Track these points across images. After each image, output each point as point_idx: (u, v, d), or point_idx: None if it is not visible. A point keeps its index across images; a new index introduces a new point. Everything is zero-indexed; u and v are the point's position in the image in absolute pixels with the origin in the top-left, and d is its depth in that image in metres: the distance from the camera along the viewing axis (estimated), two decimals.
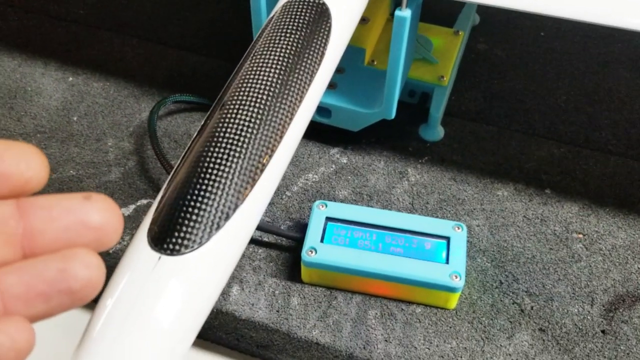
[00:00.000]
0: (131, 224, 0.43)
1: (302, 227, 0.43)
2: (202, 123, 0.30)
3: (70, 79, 0.53)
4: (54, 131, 0.49)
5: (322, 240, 0.40)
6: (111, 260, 0.41)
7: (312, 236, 0.40)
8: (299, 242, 0.41)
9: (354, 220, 0.41)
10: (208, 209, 0.26)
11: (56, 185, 0.45)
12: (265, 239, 0.42)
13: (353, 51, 0.47)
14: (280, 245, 0.42)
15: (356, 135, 0.48)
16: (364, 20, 0.49)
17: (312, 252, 0.39)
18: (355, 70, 0.48)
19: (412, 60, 0.48)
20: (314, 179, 0.46)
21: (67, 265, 0.19)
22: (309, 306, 0.39)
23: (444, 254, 0.39)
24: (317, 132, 0.47)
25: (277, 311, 0.39)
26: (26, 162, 0.19)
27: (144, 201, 0.44)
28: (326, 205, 0.41)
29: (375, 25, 0.50)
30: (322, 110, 0.46)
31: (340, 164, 0.47)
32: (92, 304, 0.24)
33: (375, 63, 0.49)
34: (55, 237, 0.19)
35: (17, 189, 0.19)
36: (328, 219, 0.41)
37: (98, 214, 0.20)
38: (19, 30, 0.58)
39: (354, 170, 0.47)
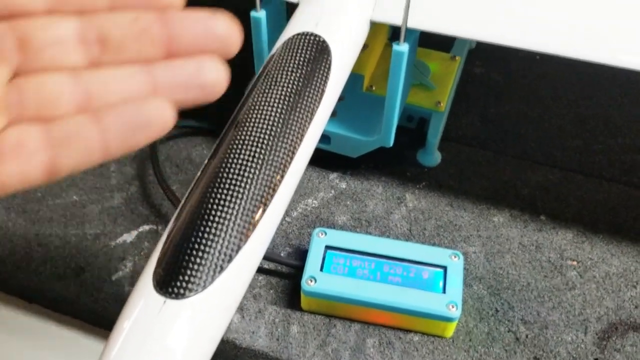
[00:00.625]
0: (134, 250, 0.44)
1: (301, 254, 0.44)
2: (206, 161, 0.31)
3: None
4: None
5: (321, 269, 0.40)
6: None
7: (312, 265, 0.40)
8: (299, 269, 0.42)
9: (353, 249, 0.41)
10: (211, 251, 0.27)
11: (59, 210, 0.46)
12: (265, 266, 0.43)
13: (351, 77, 0.48)
14: (280, 272, 0.43)
15: (355, 160, 0.49)
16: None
17: (311, 281, 0.40)
18: (354, 96, 0.49)
19: (410, 86, 0.49)
20: (313, 205, 0.47)
21: (201, 65, 0.23)
22: (309, 334, 0.40)
23: (441, 284, 0.40)
24: (316, 158, 0.48)
25: (277, 339, 0.40)
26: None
27: (147, 227, 0.45)
28: (325, 233, 0.42)
29: (373, 52, 0.51)
30: (321, 136, 0.47)
31: (340, 189, 0.48)
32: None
33: (373, 88, 0.50)
34: (190, 42, 0.23)
35: (161, 9, 0.23)
36: (327, 247, 0.41)
37: (223, 25, 0.24)
38: None
39: (353, 195, 0.48)
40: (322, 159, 0.49)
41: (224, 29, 0.24)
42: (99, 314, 0.43)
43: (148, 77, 0.23)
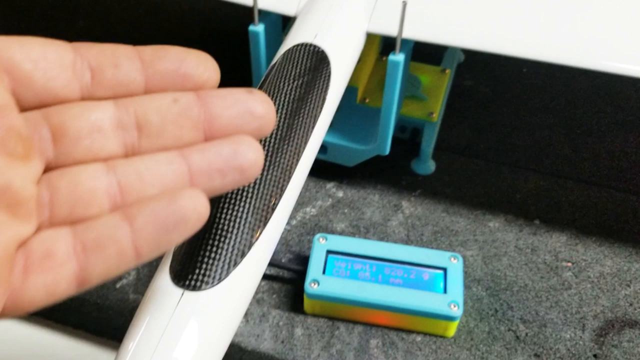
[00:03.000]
0: None
1: (302, 260, 0.44)
2: None
3: None
4: None
5: (323, 273, 0.41)
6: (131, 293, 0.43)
7: (314, 269, 0.41)
8: (301, 274, 0.43)
9: (354, 253, 0.42)
10: (226, 247, 0.27)
11: None
12: (268, 272, 0.44)
13: (346, 90, 0.49)
14: (282, 278, 0.44)
15: (351, 170, 0.50)
16: None
17: (314, 284, 0.40)
18: (348, 108, 0.50)
19: (404, 98, 0.50)
20: (312, 213, 0.48)
21: (239, 147, 0.22)
22: (313, 336, 0.41)
23: (441, 284, 0.41)
24: (312, 168, 0.49)
25: (282, 342, 0.41)
26: (204, 65, 0.23)
27: None
28: (326, 239, 0.43)
29: (365, 65, 0.52)
30: None
31: (337, 198, 0.49)
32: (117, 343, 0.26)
33: (367, 101, 0.51)
34: (228, 123, 0.23)
35: (196, 87, 0.23)
36: (329, 252, 0.42)
37: (261, 105, 0.23)
38: None
39: (350, 203, 0.49)
40: (319, 169, 0.50)
41: (262, 110, 0.23)
42: (102, 323, 0.44)
43: (184, 164, 0.22)
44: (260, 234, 0.29)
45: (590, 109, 0.57)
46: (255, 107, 0.23)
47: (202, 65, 0.23)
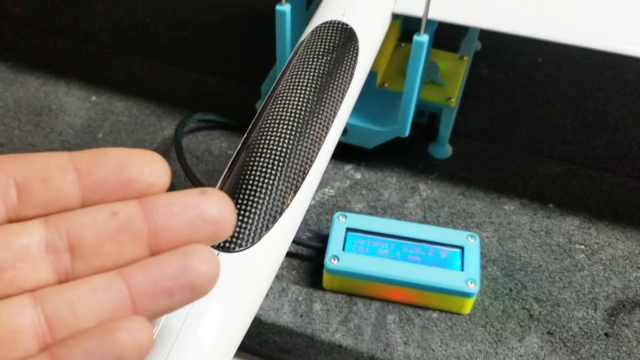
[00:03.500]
0: None
1: (321, 238, 0.45)
2: (245, 134, 0.32)
3: (94, 98, 0.56)
4: (80, 147, 0.51)
5: (343, 249, 0.42)
6: None
7: (334, 245, 0.42)
8: (320, 251, 0.44)
9: (373, 231, 0.43)
10: (258, 212, 0.28)
11: None
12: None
13: None
14: (301, 255, 0.45)
15: (369, 153, 0.51)
16: None
17: (334, 260, 0.41)
18: (368, 91, 0.51)
19: (424, 82, 0.51)
20: (330, 194, 0.49)
21: (188, 261, 0.19)
22: (331, 311, 0.42)
23: (458, 262, 0.41)
24: None
25: (301, 316, 0.41)
26: (150, 168, 0.20)
27: None
28: (346, 217, 0.44)
29: (385, 51, 0.53)
30: None
31: (355, 180, 0.50)
32: None
33: (386, 85, 0.52)
34: (177, 232, 0.20)
35: (141, 193, 0.20)
36: (348, 229, 0.43)
37: (215, 207, 0.20)
38: (41, 51, 0.60)
39: (368, 185, 0.50)
40: (337, 151, 0.50)
41: (216, 213, 0.20)
42: None
43: (124, 287, 0.19)
44: (290, 201, 0.30)
45: (604, 98, 0.58)
46: (208, 210, 0.20)
47: (147, 168, 0.20)
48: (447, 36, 0.56)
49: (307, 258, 0.45)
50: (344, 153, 0.51)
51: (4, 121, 0.53)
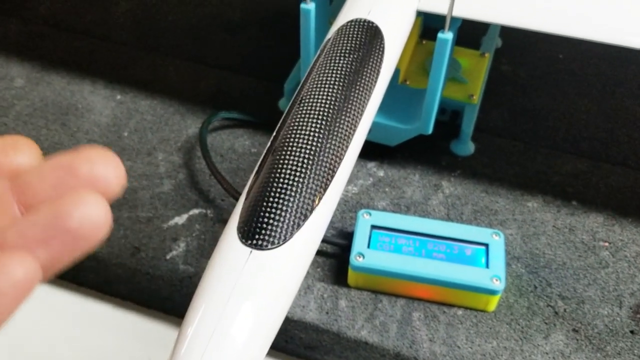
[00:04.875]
0: (185, 232, 0.46)
1: (345, 235, 0.46)
2: (274, 133, 0.33)
3: (119, 97, 0.56)
4: (106, 145, 0.52)
5: (368, 247, 0.42)
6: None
7: (359, 243, 0.42)
8: (344, 249, 0.44)
9: (398, 228, 0.43)
10: (289, 210, 0.29)
11: None
12: None
13: None
14: (326, 253, 0.45)
15: (391, 150, 0.51)
16: None
17: (360, 257, 0.42)
18: (390, 89, 0.51)
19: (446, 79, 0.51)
20: (353, 191, 0.49)
21: (61, 206, 0.18)
22: (356, 308, 0.42)
23: (483, 260, 0.42)
24: None
25: (327, 313, 0.42)
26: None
27: (196, 211, 0.47)
28: (370, 214, 0.44)
29: (407, 48, 0.53)
30: None
31: (378, 177, 0.50)
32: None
33: (407, 82, 0.52)
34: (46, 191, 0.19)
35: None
36: (373, 227, 0.43)
37: (87, 165, 0.19)
38: (65, 51, 0.61)
39: (391, 182, 0.50)
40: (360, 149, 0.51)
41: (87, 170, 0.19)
42: (152, 293, 0.45)
43: None
44: (320, 199, 0.30)
45: (625, 95, 0.58)
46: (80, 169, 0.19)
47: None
48: (469, 33, 0.56)
49: (332, 255, 0.45)
50: (367, 151, 0.51)
51: (32, 120, 0.54)
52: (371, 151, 0.51)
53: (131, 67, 0.60)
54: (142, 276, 0.44)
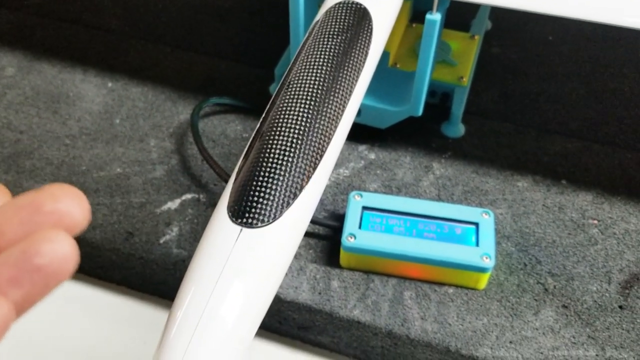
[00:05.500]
0: (178, 217, 0.46)
1: (337, 217, 0.46)
2: (263, 114, 0.33)
3: (110, 84, 0.56)
4: (98, 133, 0.52)
5: (359, 227, 0.43)
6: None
7: (351, 223, 0.43)
8: (336, 230, 0.44)
9: (388, 209, 0.44)
10: (279, 188, 0.29)
11: (104, 182, 0.48)
12: None
13: None
14: (318, 234, 0.46)
15: (382, 133, 0.51)
16: None
17: (351, 238, 0.42)
18: (380, 72, 0.51)
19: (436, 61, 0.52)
20: (344, 174, 0.50)
21: (29, 245, 0.19)
22: (349, 288, 0.43)
23: (473, 238, 0.42)
24: None
25: (319, 293, 0.42)
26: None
27: (189, 196, 0.48)
28: (361, 196, 0.44)
29: (396, 31, 0.53)
30: None
31: (369, 160, 0.51)
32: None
33: (398, 65, 0.53)
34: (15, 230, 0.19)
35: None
36: (364, 207, 0.44)
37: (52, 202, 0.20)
38: (56, 39, 0.61)
39: (382, 165, 0.50)
40: (351, 132, 0.51)
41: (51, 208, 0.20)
42: (146, 277, 0.46)
43: None
44: (310, 178, 0.30)
45: (614, 76, 0.58)
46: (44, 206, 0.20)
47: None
48: (458, 16, 0.56)
49: (324, 237, 0.45)
50: (358, 133, 0.51)
51: (23, 109, 0.54)
52: (362, 134, 0.52)
53: (122, 54, 0.60)
54: (136, 261, 0.45)
